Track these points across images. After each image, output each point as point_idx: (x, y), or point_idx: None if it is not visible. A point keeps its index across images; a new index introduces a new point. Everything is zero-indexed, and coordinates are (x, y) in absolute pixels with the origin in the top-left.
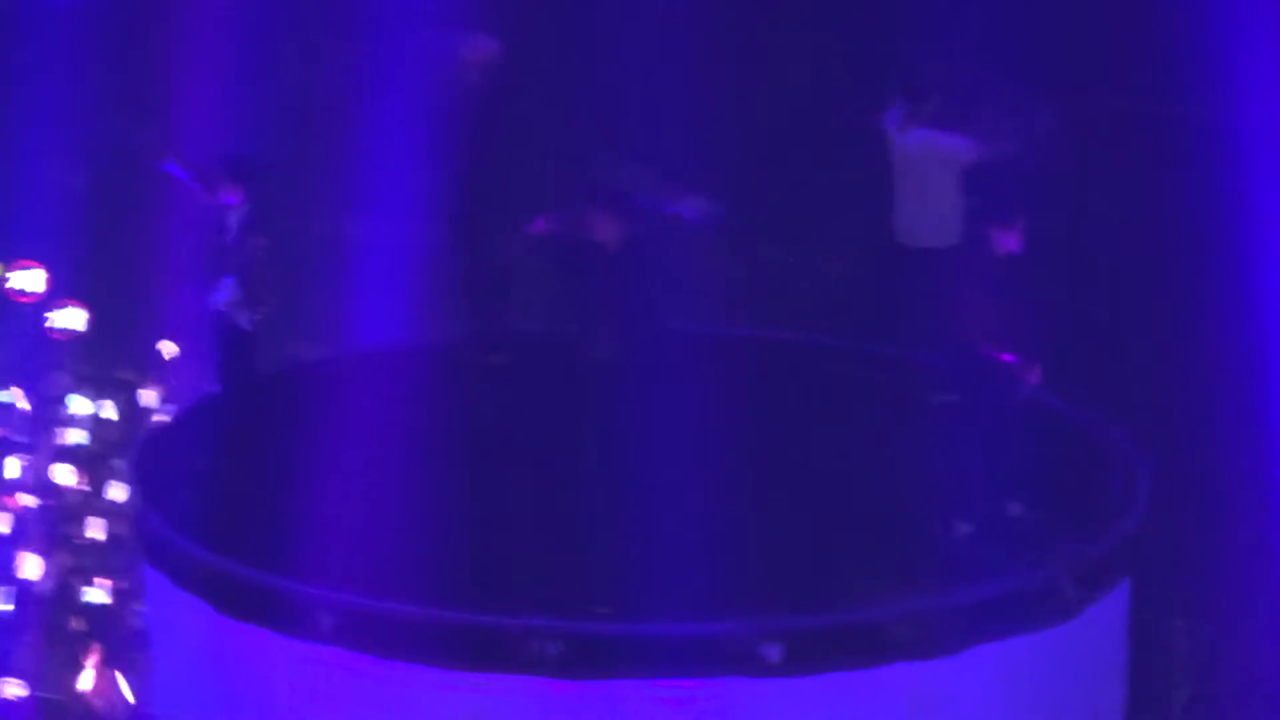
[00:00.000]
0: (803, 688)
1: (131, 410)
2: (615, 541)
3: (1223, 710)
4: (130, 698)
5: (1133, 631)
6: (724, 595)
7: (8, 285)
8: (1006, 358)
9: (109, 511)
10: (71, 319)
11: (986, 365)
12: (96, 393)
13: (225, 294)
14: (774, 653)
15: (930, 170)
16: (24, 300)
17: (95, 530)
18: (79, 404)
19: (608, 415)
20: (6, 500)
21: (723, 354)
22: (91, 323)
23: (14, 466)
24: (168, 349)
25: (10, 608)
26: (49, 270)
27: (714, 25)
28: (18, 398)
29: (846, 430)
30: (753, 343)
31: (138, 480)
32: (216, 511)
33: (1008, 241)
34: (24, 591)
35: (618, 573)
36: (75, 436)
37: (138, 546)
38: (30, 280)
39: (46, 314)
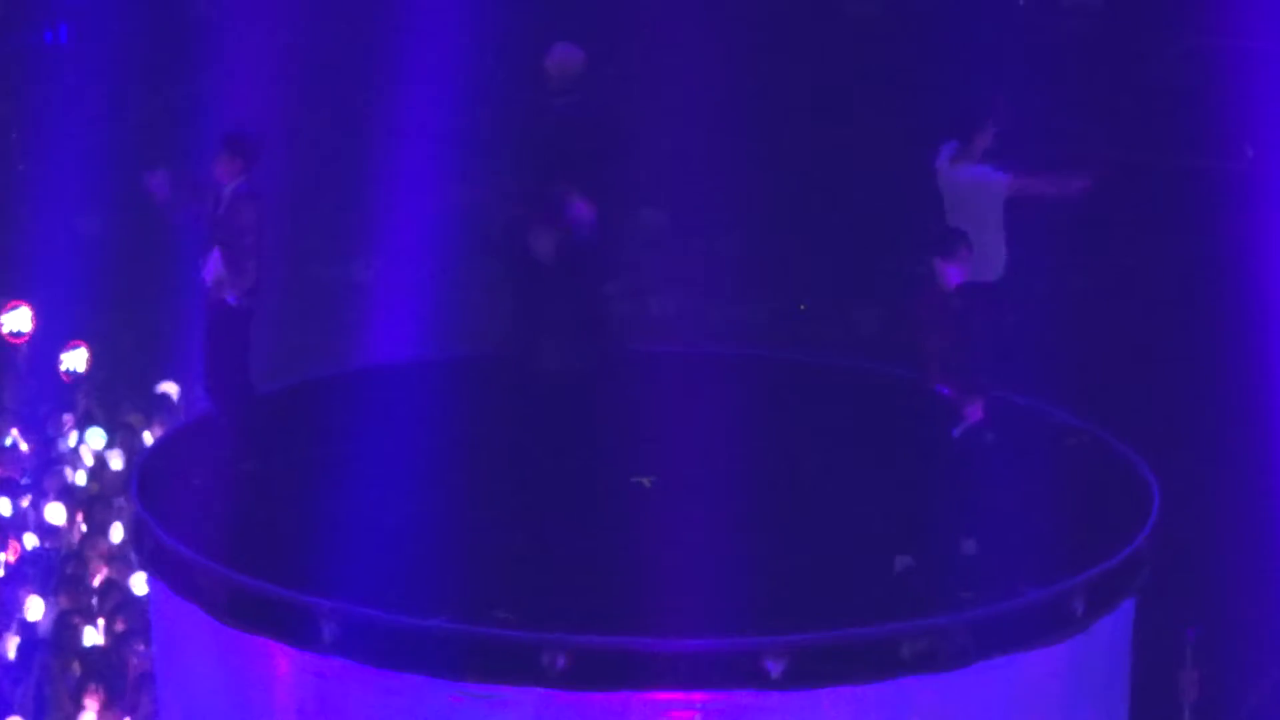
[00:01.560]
0: (809, 702)
1: (136, 452)
2: (622, 556)
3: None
4: None
5: (1141, 644)
6: (731, 609)
7: (3, 331)
8: (943, 390)
9: (111, 553)
10: (75, 360)
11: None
12: (101, 434)
13: (211, 269)
14: (778, 667)
15: (979, 205)
16: (17, 341)
17: (97, 572)
18: (83, 445)
19: (606, 429)
20: (8, 542)
21: (724, 373)
22: (100, 365)
23: (9, 507)
24: (172, 390)
25: (13, 650)
26: (59, 313)
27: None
28: (18, 439)
29: (851, 447)
30: (758, 362)
31: (139, 490)
32: (220, 522)
33: (952, 274)
34: (26, 633)
35: (625, 587)
36: (78, 478)
37: (139, 557)
38: (19, 320)
39: (60, 356)
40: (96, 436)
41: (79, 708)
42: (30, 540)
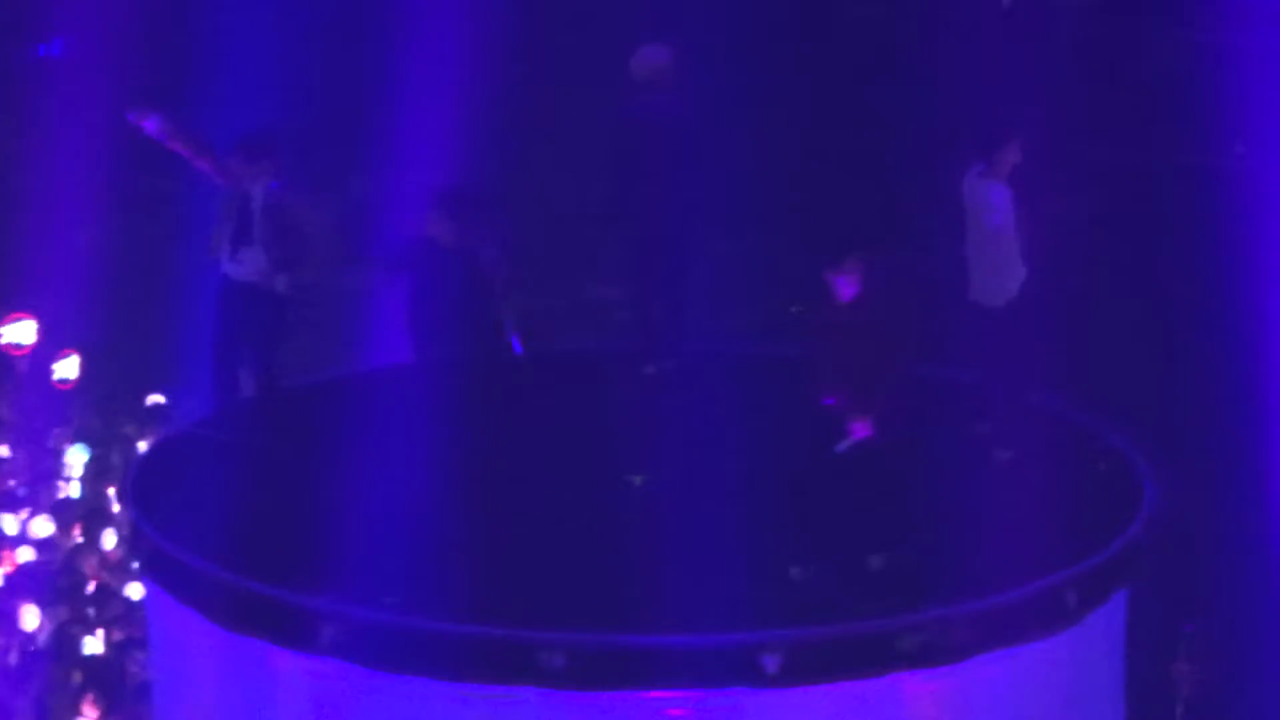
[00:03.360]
0: (805, 698)
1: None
2: (618, 554)
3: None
4: None
5: (1136, 637)
6: (728, 606)
7: (3, 341)
8: (828, 401)
9: (108, 562)
10: (67, 368)
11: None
12: (97, 445)
13: (249, 265)
14: (775, 663)
15: (995, 225)
16: (19, 354)
17: (94, 581)
18: (78, 456)
19: (606, 427)
20: (4, 554)
21: (718, 371)
22: (97, 375)
23: (10, 522)
24: (159, 401)
25: (13, 661)
26: (55, 323)
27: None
28: (13, 451)
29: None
30: (750, 360)
31: (135, 496)
32: (217, 525)
33: (844, 287)
34: (24, 644)
35: (622, 584)
36: (73, 489)
37: (136, 560)
38: (21, 333)
39: (52, 366)
40: (85, 450)
41: (79, 716)
42: (25, 553)
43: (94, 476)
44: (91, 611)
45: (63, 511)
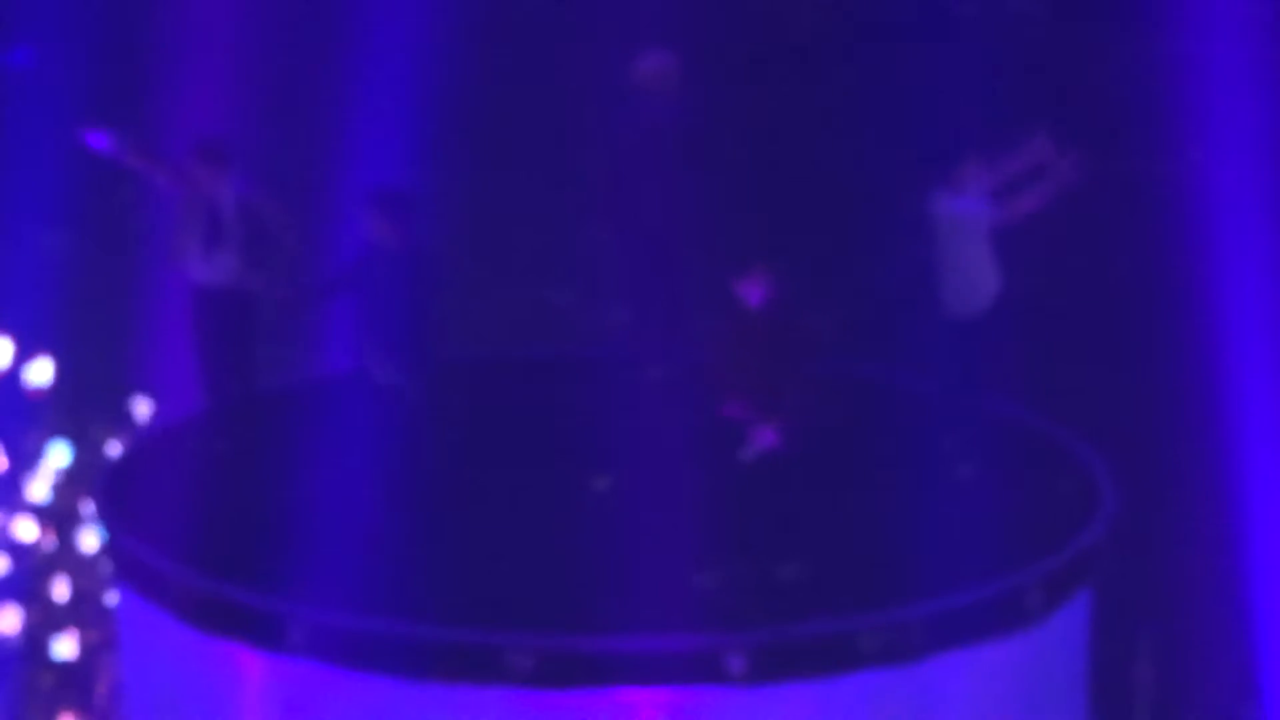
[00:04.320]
0: (769, 697)
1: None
2: (583, 555)
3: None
4: None
5: (1095, 641)
6: (691, 607)
7: None
8: (731, 410)
9: (82, 565)
10: (40, 372)
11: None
12: (69, 447)
13: (222, 269)
14: (739, 664)
15: (967, 238)
16: None
17: (68, 584)
18: (50, 458)
19: (569, 431)
20: None
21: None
22: (67, 378)
23: None
24: (141, 407)
25: None
26: (25, 328)
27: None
28: None
29: (809, 445)
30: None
31: (107, 498)
32: (188, 528)
33: (751, 294)
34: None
35: (587, 586)
36: (44, 491)
37: (109, 564)
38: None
39: (21, 368)
40: (64, 451)
41: (52, 718)
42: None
43: (68, 480)
44: (65, 614)
45: (37, 514)
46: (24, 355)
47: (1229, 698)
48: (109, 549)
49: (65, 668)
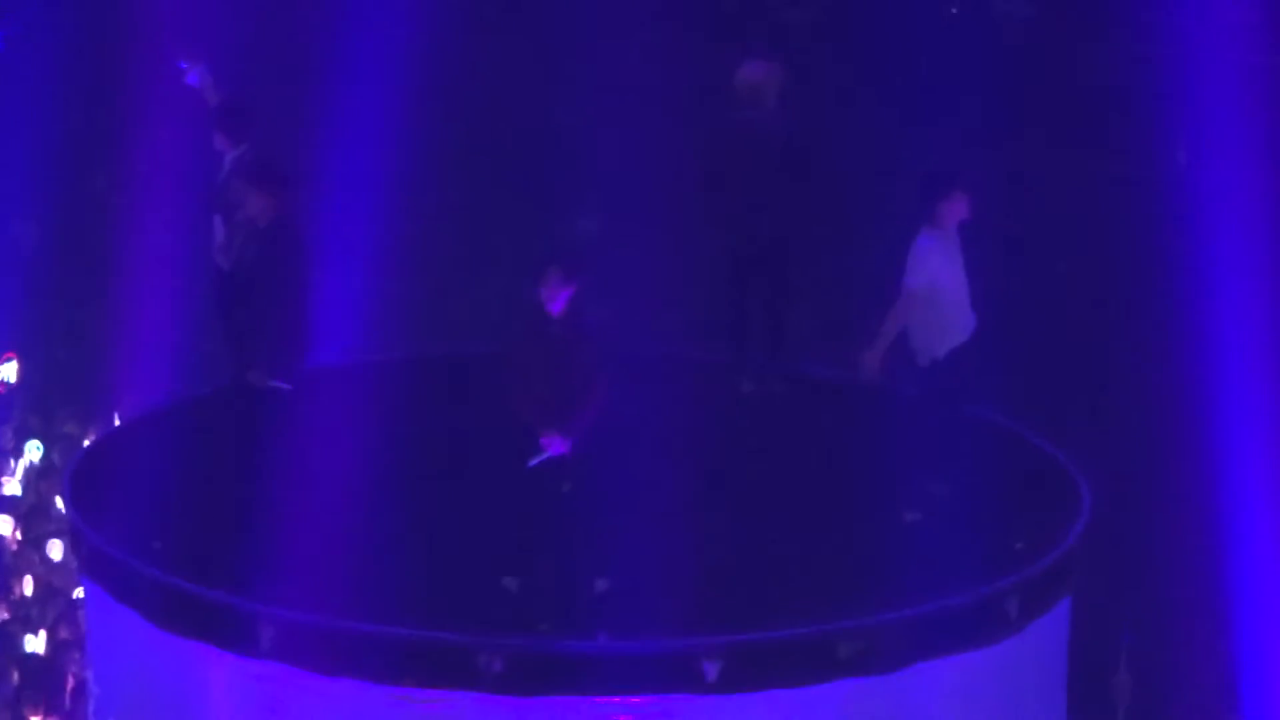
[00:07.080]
0: (745, 704)
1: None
2: (558, 559)
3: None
4: None
5: (1074, 649)
6: (667, 612)
7: None
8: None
9: (51, 562)
10: (6, 371)
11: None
12: (39, 445)
13: (214, 237)
14: (714, 670)
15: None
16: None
17: (36, 581)
18: (20, 456)
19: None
20: None
21: (656, 375)
22: (37, 375)
23: None
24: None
25: None
26: None
27: None
28: None
29: (789, 447)
30: (691, 364)
31: (73, 495)
32: (156, 526)
33: (553, 301)
34: None
35: (560, 590)
36: (13, 488)
37: (75, 561)
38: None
39: None
40: (33, 448)
41: (18, 716)
42: None
43: (36, 475)
44: (33, 611)
45: (6, 510)
46: None
47: (1209, 706)
48: (76, 546)
49: (32, 663)
